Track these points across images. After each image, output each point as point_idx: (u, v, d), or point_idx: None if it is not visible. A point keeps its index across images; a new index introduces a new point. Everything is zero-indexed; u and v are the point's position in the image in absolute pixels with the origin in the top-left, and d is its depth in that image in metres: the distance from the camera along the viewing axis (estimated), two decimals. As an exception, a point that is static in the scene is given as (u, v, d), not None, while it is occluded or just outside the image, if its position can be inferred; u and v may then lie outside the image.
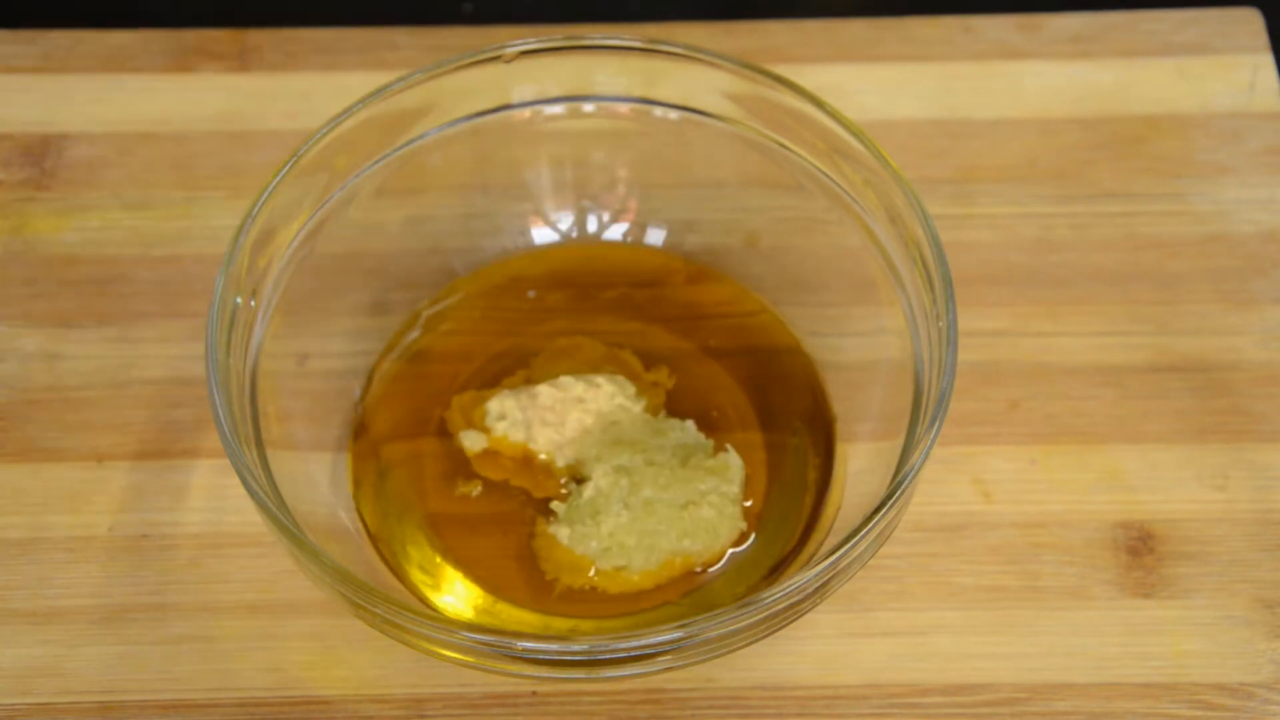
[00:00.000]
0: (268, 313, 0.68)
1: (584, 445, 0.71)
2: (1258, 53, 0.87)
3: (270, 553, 0.71)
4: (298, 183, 0.68)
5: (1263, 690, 0.68)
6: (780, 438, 0.73)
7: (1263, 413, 0.75)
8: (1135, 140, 0.84)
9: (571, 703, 0.67)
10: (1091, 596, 0.70)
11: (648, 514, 0.68)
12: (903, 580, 0.71)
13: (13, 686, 0.68)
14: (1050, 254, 0.80)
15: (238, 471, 0.60)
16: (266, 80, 0.86)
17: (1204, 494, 0.73)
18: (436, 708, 0.67)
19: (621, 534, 0.68)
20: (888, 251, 0.69)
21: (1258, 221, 0.81)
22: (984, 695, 0.68)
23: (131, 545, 0.71)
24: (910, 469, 0.61)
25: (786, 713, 0.67)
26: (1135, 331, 0.77)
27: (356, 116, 0.68)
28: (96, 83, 0.86)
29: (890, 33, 0.88)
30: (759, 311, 0.76)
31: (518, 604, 0.69)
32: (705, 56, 0.70)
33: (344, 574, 0.59)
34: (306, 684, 0.68)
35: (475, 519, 0.71)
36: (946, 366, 0.62)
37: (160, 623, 0.69)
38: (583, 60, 0.72)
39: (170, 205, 0.81)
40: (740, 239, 0.78)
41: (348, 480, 0.71)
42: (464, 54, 0.70)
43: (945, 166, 0.83)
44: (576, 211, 0.78)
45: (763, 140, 0.72)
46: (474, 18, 0.92)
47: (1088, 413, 0.75)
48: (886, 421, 0.68)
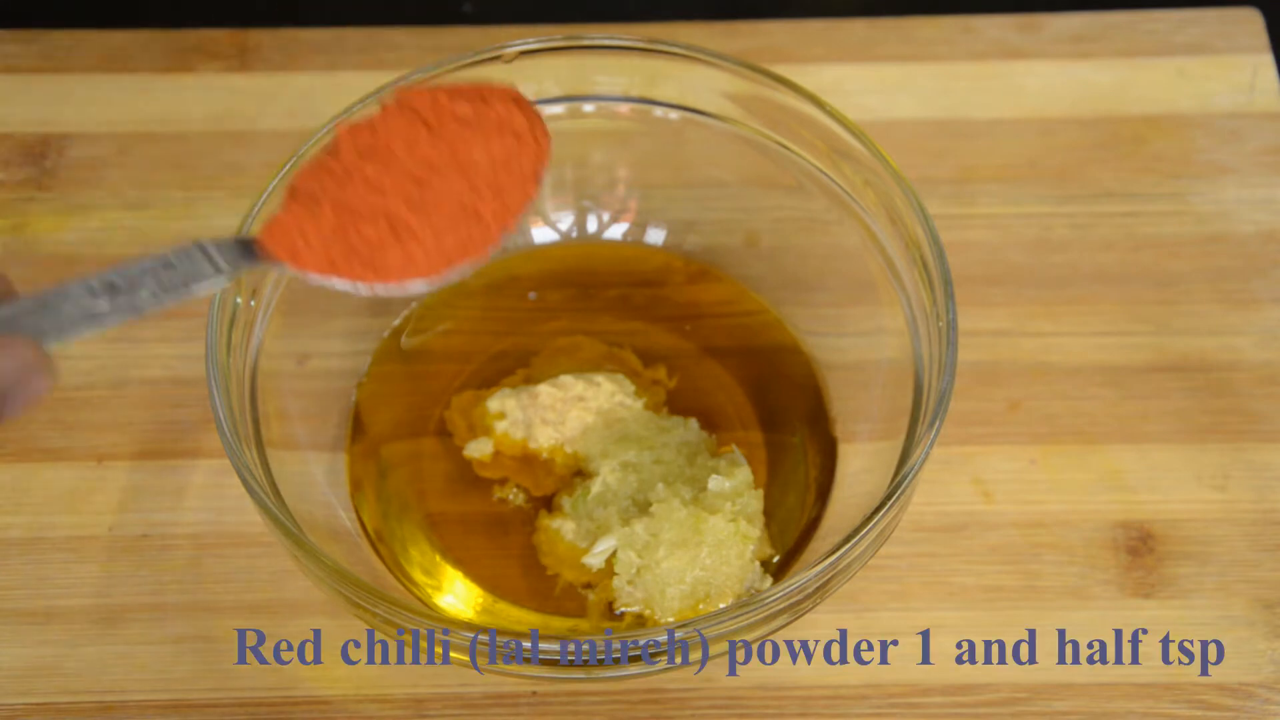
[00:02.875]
0: (268, 313, 0.68)
1: (589, 441, 0.71)
2: (1258, 53, 0.87)
3: (270, 553, 0.71)
4: (298, 183, 0.68)
5: (1263, 690, 0.68)
6: (780, 437, 0.73)
7: (1263, 413, 0.75)
8: (1135, 140, 0.84)
9: (571, 703, 0.67)
10: (1091, 596, 0.70)
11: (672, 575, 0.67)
12: (903, 580, 0.71)
13: (13, 686, 0.68)
14: (1050, 254, 0.80)
15: (238, 471, 0.60)
16: (266, 80, 0.86)
17: (1204, 494, 0.73)
18: (436, 708, 0.67)
19: (646, 586, 0.67)
20: (888, 251, 0.69)
21: (1258, 221, 0.81)
22: (984, 695, 0.68)
23: (131, 545, 0.71)
24: (910, 469, 0.61)
25: (786, 713, 0.67)
26: (1135, 331, 0.77)
27: (356, 116, 0.68)
28: (96, 83, 0.86)
29: (890, 33, 0.88)
30: (759, 311, 0.76)
31: (518, 604, 0.69)
32: (705, 56, 0.70)
33: (344, 574, 0.59)
34: (306, 684, 0.68)
35: (475, 519, 0.71)
36: (946, 366, 0.62)
37: (160, 623, 0.69)
38: (583, 60, 0.72)
39: (170, 205, 0.81)
40: (740, 239, 0.78)
41: (347, 480, 0.71)
42: (464, 54, 0.70)
43: (945, 166, 0.83)
44: (576, 211, 0.78)
45: (763, 140, 0.72)
46: (474, 18, 0.92)
47: (1088, 413, 0.75)
48: (886, 421, 0.68)
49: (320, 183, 0.55)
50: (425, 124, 0.55)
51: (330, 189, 0.54)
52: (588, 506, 0.69)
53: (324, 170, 0.55)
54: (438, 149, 0.55)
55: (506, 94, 0.57)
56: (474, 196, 0.55)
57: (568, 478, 0.71)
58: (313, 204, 0.54)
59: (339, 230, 0.54)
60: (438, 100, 0.56)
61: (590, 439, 0.71)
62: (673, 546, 0.66)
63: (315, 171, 0.56)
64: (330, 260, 0.54)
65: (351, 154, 0.55)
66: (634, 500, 0.69)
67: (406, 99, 0.56)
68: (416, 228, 0.54)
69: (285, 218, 0.55)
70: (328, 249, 0.54)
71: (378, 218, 0.54)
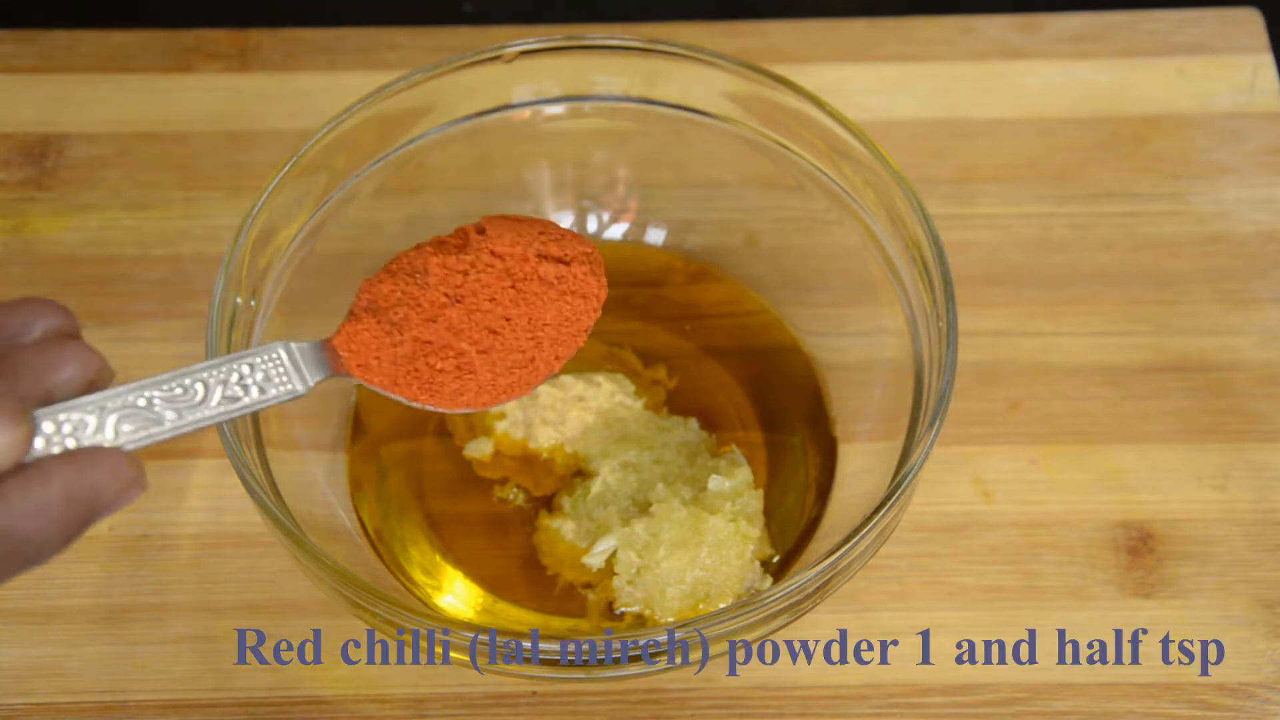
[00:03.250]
0: (268, 313, 0.68)
1: (589, 441, 0.71)
2: (1258, 53, 0.87)
3: (270, 553, 0.71)
4: (298, 183, 0.68)
5: (1263, 690, 0.68)
6: (780, 437, 0.73)
7: (1263, 413, 0.75)
8: (1135, 140, 0.84)
9: (571, 703, 0.67)
10: (1091, 596, 0.70)
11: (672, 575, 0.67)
12: (903, 580, 0.71)
13: (13, 686, 0.68)
14: (1050, 254, 0.80)
15: (238, 471, 0.60)
16: (266, 80, 0.86)
17: (1204, 494, 0.73)
18: (436, 708, 0.67)
19: (646, 587, 0.67)
20: (888, 251, 0.69)
21: (1258, 221, 0.81)
22: (984, 695, 0.68)
23: (131, 545, 0.71)
24: (910, 469, 0.61)
25: (786, 713, 0.67)
26: (1135, 331, 0.77)
27: (356, 116, 0.68)
28: (96, 83, 0.86)
29: (890, 33, 0.88)
30: (759, 311, 0.76)
31: (518, 604, 0.69)
32: (705, 56, 0.70)
33: (344, 574, 0.59)
34: (306, 684, 0.68)
35: (475, 519, 0.71)
36: (946, 366, 0.62)
37: (160, 623, 0.69)
38: (583, 60, 0.72)
39: (170, 205, 0.81)
40: (740, 239, 0.78)
41: (347, 480, 0.71)
42: (464, 54, 0.70)
43: (945, 166, 0.83)
44: (576, 211, 0.78)
45: (763, 140, 0.72)
46: (474, 18, 0.92)
47: (1088, 413, 0.75)
48: (886, 421, 0.68)
49: (405, 313, 0.58)
50: (513, 282, 0.60)
51: (414, 322, 0.58)
52: (588, 506, 0.69)
53: (411, 301, 0.59)
54: (518, 308, 0.60)
55: (587, 255, 0.62)
56: (534, 347, 0.60)
57: (568, 478, 0.71)
58: (395, 332, 0.58)
59: (411, 359, 0.58)
60: (527, 259, 0.60)
61: (590, 439, 0.71)
62: (673, 546, 0.66)
63: (402, 298, 0.59)
64: (394, 379, 0.58)
65: (440, 292, 0.59)
66: (634, 500, 0.69)
67: (500, 248, 0.60)
68: (479, 369, 0.59)
69: (366, 336, 0.58)
70: (395, 370, 0.58)
71: (449, 354, 0.58)
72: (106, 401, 0.49)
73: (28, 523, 0.44)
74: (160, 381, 0.51)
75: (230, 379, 0.52)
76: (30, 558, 0.45)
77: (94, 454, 0.46)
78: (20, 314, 0.48)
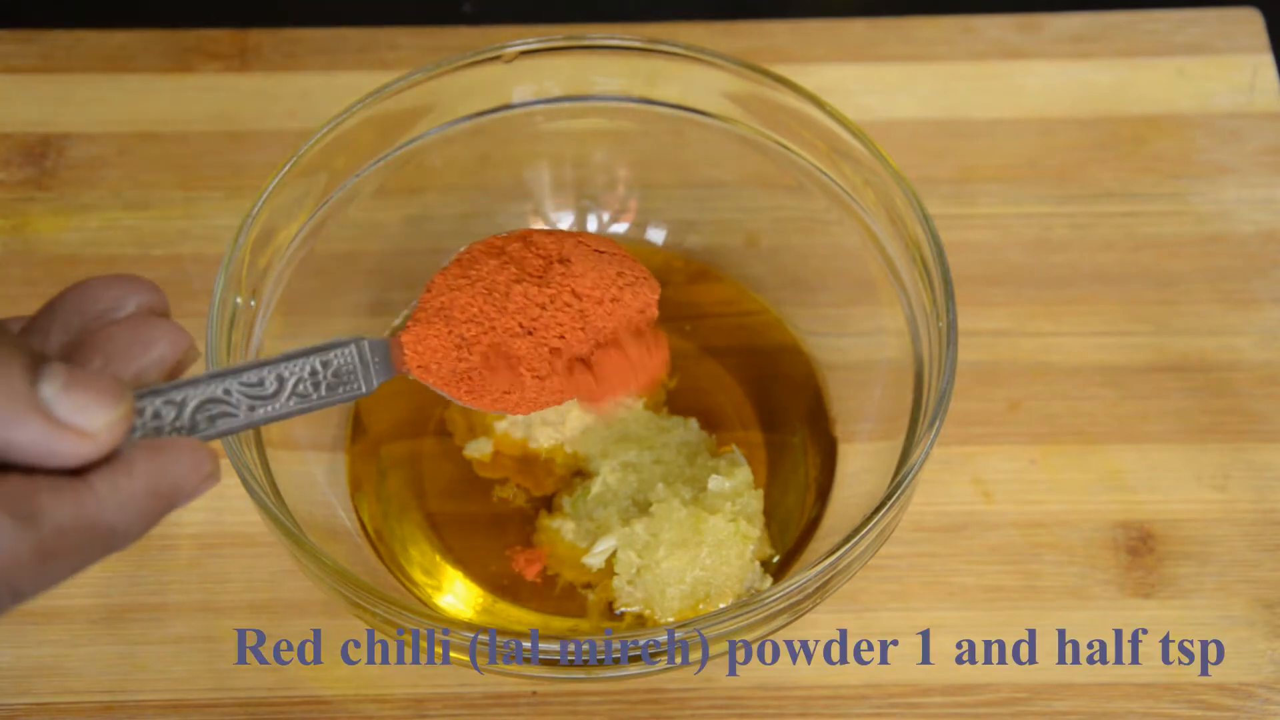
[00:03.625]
0: (268, 313, 0.68)
1: (589, 441, 0.71)
2: (1258, 53, 0.87)
3: (270, 553, 0.71)
4: (298, 183, 0.68)
5: (1263, 690, 0.68)
6: (780, 437, 0.73)
7: (1263, 413, 0.75)
8: (1135, 140, 0.84)
9: (571, 703, 0.67)
10: (1091, 596, 0.70)
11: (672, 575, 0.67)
12: (903, 580, 0.71)
13: (13, 686, 0.68)
14: (1050, 254, 0.80)
15: (238, 471, 0.60)
16: (266, 80, 0.86)
17: (1204, 494, 0.73)
18: (436, 708, 0.67)
19: (646, 587, 0.67)
20: (888, 251, 0.69)
21: (1258, 221, 0.81)
22: (984, 695, 0.68)
23: (132, 545, 0.71)
24: (910, 469, 0.61)
25: (786, 713, 0.67)
26: (1135, 331, 0.77)
27: (356, 116, 0.68)
28: (96, 83, 0.86)
29: (890, 33, 0.88)
30: (759, 311, 0.76)
31: (518, 604, 0.69)
32: (705, 56, 0.70)
33: (344, 574, 0.59)
34: (307, 684, 0.68)
35: (475, 519, 0.71)
36: (946, 366, 0.62)
37: (160, 623, 0.69)
38: (583, 60, 0.72)
39: (170, 205, 0.81)
40: (740, 239, 0.78)
41: (347, 480, 0.71)
42: (464, 54, 0.70)
43: (945, 166, 0.83)
44: (576, 211, 0.78)
45: (763, 140, 0.72)
46: (474, 18, 0.92)
47: (1088, 413, 0.75)
48: (886, 421, 0.68)
49: (477, 333, 0.58)
50: (585, 324, 0.59)
51: (483, 344, 0.57)
52: (588, 506, 0.69)
53: (485, 321, 0.58)
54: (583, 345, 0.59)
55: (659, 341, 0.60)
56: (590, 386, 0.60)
57: (568, 478, 0.71)
58: (464, 346, 0.57)
59: (469, 371, 0.58)
60: (603, 303, 0.59)
61: (590, 439, 0.71)
62: (673, 546, 0.66)
63: (477, 315, 0.58)
64: (444, 380, 0.58)
65: (516, 321, 0.58)
66: (634, 500, 0.69)
67: (581, 289, 0.59)
68: (528, 387, 0.58)
69: (434, 342, 0.58)
70: (453, 373, 0.58)
71: (506, 372, 0.58)
72: (189, 389, 0.48)
73: (114, 514, 0.45)
74: (239, 371, 0.49)
75: (303, 373, 0.51)
76: (113, 546, 0.47)
77: (176, 446, 0.46)
78: (114, 289, 0.48)
